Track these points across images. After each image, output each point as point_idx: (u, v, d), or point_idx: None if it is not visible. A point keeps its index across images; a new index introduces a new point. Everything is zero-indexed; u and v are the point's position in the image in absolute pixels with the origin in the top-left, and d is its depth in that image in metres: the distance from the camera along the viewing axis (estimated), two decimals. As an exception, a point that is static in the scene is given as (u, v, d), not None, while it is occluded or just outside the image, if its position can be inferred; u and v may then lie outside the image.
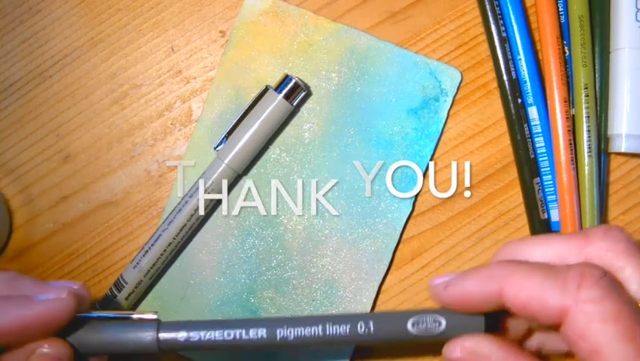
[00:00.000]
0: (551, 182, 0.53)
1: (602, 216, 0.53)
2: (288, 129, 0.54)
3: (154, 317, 0.44)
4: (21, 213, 0.57)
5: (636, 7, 0.51)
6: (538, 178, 0.53)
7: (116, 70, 0.57)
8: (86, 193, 0.56)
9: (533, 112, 0.53)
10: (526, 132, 0.53)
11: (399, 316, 0.42)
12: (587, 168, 0.51)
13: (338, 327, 0.42)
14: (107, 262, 0.56)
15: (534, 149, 0.53)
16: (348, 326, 0.42)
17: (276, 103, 0.52)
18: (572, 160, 0.51)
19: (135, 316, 0.44)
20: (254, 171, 0.54)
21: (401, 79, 0.54)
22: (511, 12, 0.53)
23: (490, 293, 0.38)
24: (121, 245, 0.56)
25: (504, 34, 0.53)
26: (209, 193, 0.52)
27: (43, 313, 0.41)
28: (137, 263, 0.52)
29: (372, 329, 0.42)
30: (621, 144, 0.51)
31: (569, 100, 0.52)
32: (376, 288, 0.54)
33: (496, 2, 0.53)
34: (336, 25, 0.54)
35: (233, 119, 0.53)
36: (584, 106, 0.52)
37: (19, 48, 0.57)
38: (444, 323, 0.41)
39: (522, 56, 0.53)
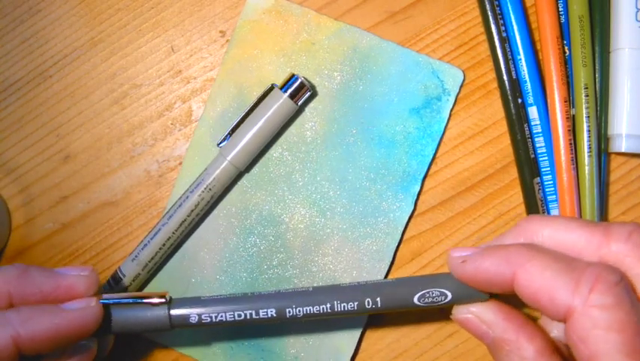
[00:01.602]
0: (551, 182, 0.53)
1: (602, 216, 0.54)
2: (291, 128, 0.54)
3: (163, 300, 0.44)
4: (21, 213, 0.57)
5: (636, 7, 0.52)
6: (538, 178, 0.53)
7: (116, 70, 0.56)
8: (86, 193, 0.56)
9: (533, 112, 0.53)
10: (527, 132, 0.53)
11: (406, 291, 0.43)
12: (587, 168, 0.52)
13: (346, 305, 0.43)
14: (107, 262, 0.56)
15: (534, 149, 0.53)
16: (356, 303, 0.43)
17: (280, 102, 0.52)
18: (572, 160, 0.52)
19: (145, 300, 0.45)
20: (256, 169, 0.54)
21: (403, 78, 0.54)
22: (511, 12, 0.53)
23: (504, 276, 0.38)
24: (121, 245, 0.56)
25: (504, 34, 0.53)
26: (210, 189, 0.52)
27: (75, 322, 0.42)
28: (136, 256, 0.52)
29: (379, 304, 0.43)
30: (621, 144, 0.51)
31: (569, 100, 0.52)
32: (377, 287, 0.54)
33: (496, 2, 0.53)
34: (338, 24, 0.55)
35: (237, 117, 0.53)
36: (584, 106, 0.52)
37: (19, 48, 0.57)
38: (449, 296, 0.42)
39: (522, 56, 0.53)
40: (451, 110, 0.54)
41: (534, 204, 0.53)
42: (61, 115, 0.56)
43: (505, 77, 0.53)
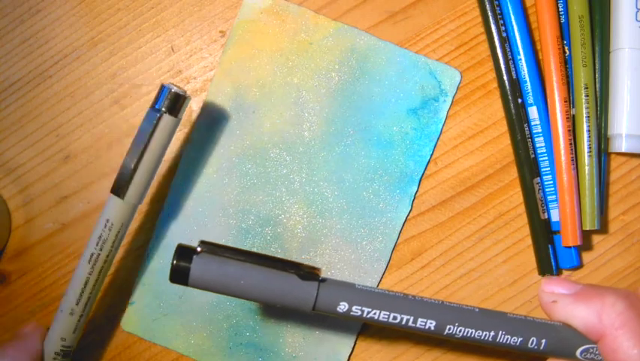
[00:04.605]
0: (551, 182, 0.53)
1: (602, 216, 0.53)
2: (288, 128, 0.54)
3: (315, 276, 0.40)
4: (21, 213, 0.57)
5: (636, 7, 0.51)
6: (538, 178, 0.53)
7: (116, 70, 0.57)
8: (86, 193, 0.56)
9: (533, 112, 0.53)
10: (527, 132, 0.53)
11: (573, 339, 0.41)
12: (587, 168, 0.51)
13: (510, 338, 0.40)
14: (106, 261, 0.56)
15: (534, 149, 0.53)
16: (520, 340, 0.40)
17: (161, 123, 0.48)
18: (572, 160, 0.51)
19: (295, 271, 0.40)
20: (254, 169, 0.54)
21: (401, 79, 0.54)
22: (511, 12, 0.53)
23: (591, 333, 0.38)
24: (120, 245, 0.56)
25: (504, 34, 0.53)
26: (110, 229, 0.49)
27: None
28: (62, 310, 0.50)
29: (542, 347, 0.41)
30: (621, 144, 0.51)
31: (569, 100, 0.52)
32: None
33: (496, 2, 0.53)
34: (336, 24, 0.54)
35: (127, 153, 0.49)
36: (584, 106, 0.51)
37: (19, 48, 0.57)
38: None
39: (522, 56, 0.53)
40: (448, 111, 0.54)
41: (534, 204, 0.53)
42: (61, 115, 0.57)
43: (505, 77, 0.53)
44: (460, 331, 0.40)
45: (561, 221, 0.52)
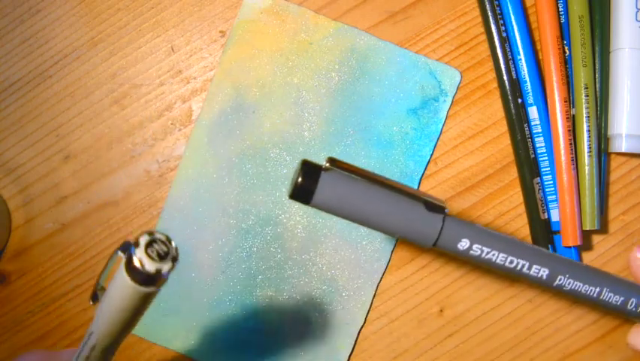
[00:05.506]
0: (551, 182, 0.53)
1: (602, 216, 0.53)
2: (288, 128, 0.54)
3: (443, 208, 0.37)
4: (21, 213, 0.57)
5: (636, 7, 0.51)
6: (538, 178, 0.53)
7: (116, 70, 0.56)
8: (86, 193, 0.56)
9: (533, 112, 0.53)
10: (527, 132, 0.53)
11: None
12: (587, 168, 0.51)
13: (612, 296, 0.39)
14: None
15: (534, 149, 0.53)
16: (622, 300, 0.40)
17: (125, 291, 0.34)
18: (572, 160, 0.51)
19: (426, 198, 0.37)
20: (254, 169, 0.54)
21: (401, 79, 0.54)
22: (511, 12, 0.53)
23: None
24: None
25: (504, 34, 0.53)
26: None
27: None
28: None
29: (639, 309, 0.40)
30: (621, 144, 0.51)
31: (569, 100, 0.52)
32: (375, 287, 0.54)
33: (496, 2, 0.53)
34: (336, 24, 0.54)
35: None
36: (584, 106, 0.51)
37: (19, 48, 0.57)
38: None
39: (522, 56, 0.53)
40: (448, 111, 0.54)
41: (534, 204, 0.53)
42: (61, 115, 0.57)
43: (505, 77, 0.53)
44: (569, 283, 0.39)
45: (561, 221, 0.52)
